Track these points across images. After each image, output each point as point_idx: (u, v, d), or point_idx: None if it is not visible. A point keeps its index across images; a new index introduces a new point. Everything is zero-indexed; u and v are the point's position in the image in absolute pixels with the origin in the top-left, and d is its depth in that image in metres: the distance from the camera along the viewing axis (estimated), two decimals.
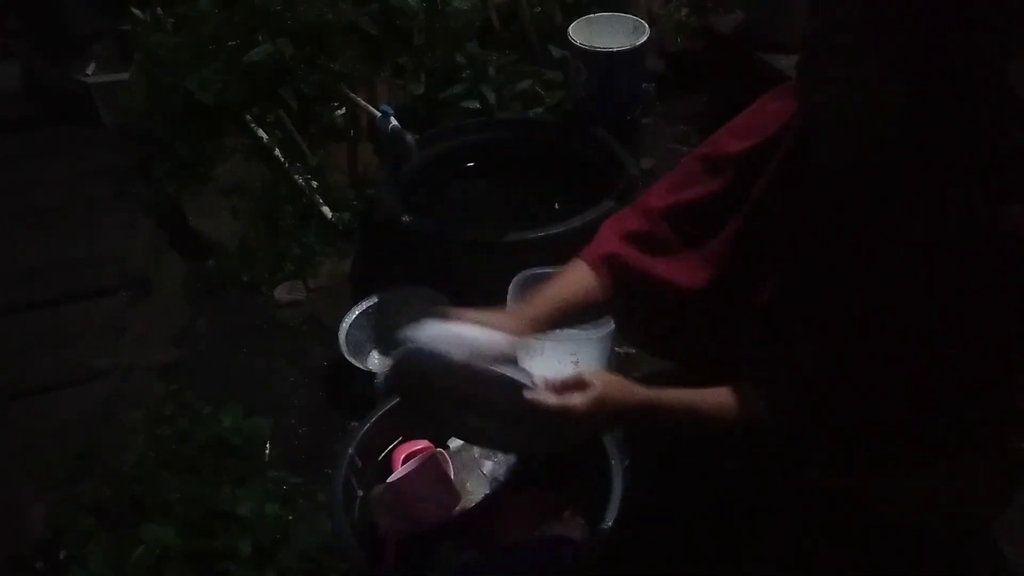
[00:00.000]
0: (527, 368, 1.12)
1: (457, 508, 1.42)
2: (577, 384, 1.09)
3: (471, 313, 1.18)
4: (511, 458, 1.48)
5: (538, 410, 1.06)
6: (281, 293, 2.28)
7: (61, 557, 1.60)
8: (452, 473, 1.45)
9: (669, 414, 1.16)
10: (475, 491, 1.46)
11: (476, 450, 1.47)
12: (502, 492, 1.42)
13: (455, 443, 1.53)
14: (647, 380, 1.20)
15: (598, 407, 1.08)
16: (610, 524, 1.26)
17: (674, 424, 1.19)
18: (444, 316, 1.14)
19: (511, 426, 1.18)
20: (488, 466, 1.49)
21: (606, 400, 1.09)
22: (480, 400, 1.16)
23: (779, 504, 1.32)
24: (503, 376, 1.07)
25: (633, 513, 1.29)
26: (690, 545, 1.53)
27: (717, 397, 1.17)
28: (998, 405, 1.14)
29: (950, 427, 1.13)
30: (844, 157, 1.12)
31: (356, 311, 2.00)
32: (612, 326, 1.83)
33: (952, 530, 1.29)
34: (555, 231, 1.90)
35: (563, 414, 1.07)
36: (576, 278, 1.32)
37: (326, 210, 2.41)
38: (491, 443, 1.36)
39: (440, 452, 1.50)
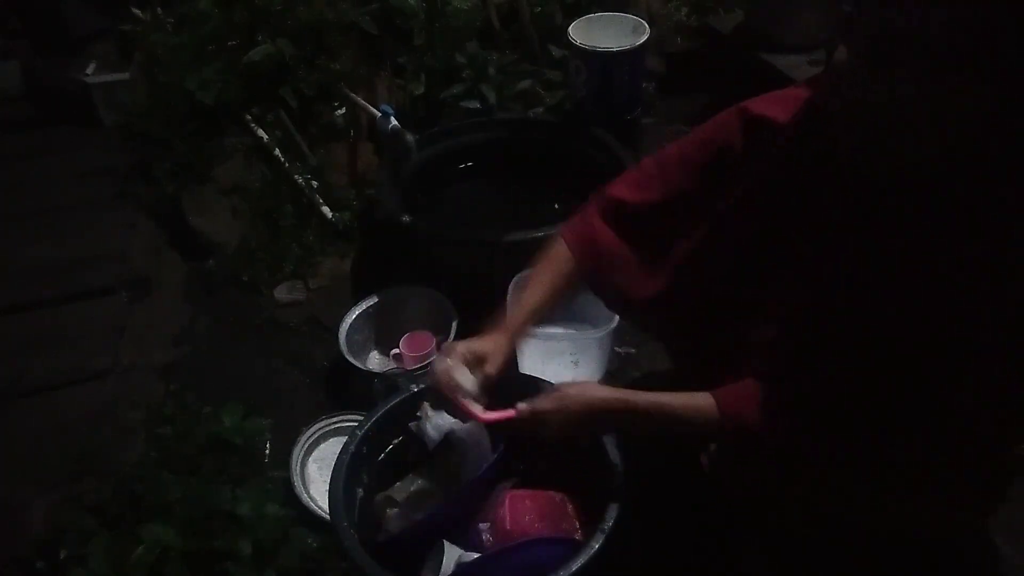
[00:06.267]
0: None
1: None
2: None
3: (464, 345, 1.32)
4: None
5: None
6: (281, 293, 2.28)
7: (61, 557, 1.59)
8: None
9: (641, 413, 1.24)
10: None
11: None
12: (502, 492, 1.42)
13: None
14: (644, 381, 1.21)
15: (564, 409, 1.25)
16: (610, 524, 1.26)
17: (645, 421, 1.26)
18: (444, 353, 1.32)
19: None
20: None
21: (570, 401, 1.25)
22: None
23: (776, 505, 1.32)
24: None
25: (633, 513, 1.29)
26: (689, 545, 1.54)
27: (690, 401, 1.21)
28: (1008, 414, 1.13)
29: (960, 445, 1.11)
30: (896, 165, 0.99)
31: (356, 311, 2.00)
32: (611, 326, 1.83)
33: (944, 530, 1.29)
34: (555, 231, 1.89)
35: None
36: (558, 267, 1.42)
37: (326, 210, 2.41)
38: None
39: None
